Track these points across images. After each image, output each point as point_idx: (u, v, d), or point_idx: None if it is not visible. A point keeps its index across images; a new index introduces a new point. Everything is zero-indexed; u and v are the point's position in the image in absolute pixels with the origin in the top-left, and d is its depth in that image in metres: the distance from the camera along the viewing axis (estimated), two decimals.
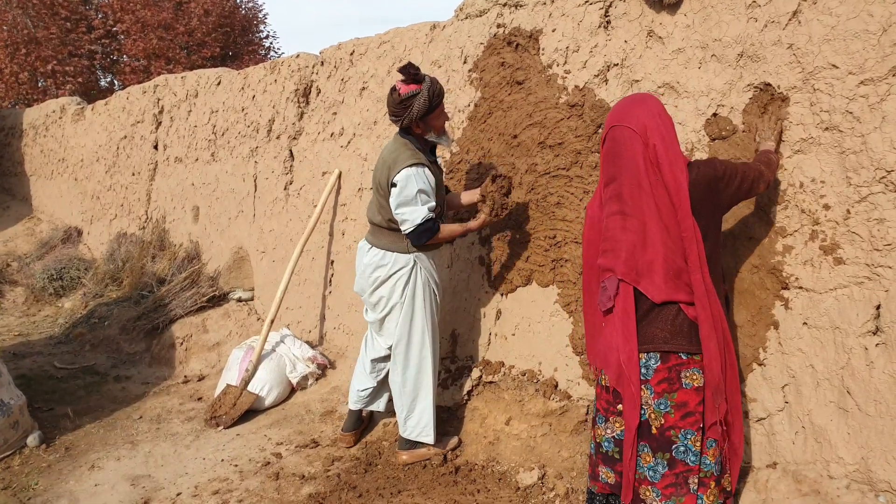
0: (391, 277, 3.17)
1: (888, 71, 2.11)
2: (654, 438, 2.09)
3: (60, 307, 6.98)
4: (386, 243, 3.17)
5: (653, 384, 2.09)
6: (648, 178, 2.06)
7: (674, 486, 2.07)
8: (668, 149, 2.06)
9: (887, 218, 2.12)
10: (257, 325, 5.24)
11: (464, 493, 3.00)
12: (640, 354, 2.09)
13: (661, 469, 2.08)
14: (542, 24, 3.28)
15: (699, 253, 2.03)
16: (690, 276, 2.04)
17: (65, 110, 9.90)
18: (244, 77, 5.69)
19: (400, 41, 4.17)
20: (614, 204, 2.14)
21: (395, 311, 3.22)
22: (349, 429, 3.60)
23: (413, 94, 2.94)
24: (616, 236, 2.13)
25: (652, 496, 2.09)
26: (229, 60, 17.35)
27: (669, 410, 2.07)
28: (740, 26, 2.50)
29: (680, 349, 2.07)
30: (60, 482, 3.42)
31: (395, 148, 3.09)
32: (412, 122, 3.00)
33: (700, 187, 2.07)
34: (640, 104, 2.14)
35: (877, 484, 2.12)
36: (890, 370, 2.11)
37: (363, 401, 3.53)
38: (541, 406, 3.22)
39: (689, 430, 2.06)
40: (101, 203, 8.36)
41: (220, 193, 6.01)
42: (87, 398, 4.61)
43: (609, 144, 2.16)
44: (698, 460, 2.07)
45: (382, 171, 3.10)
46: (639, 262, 2.08)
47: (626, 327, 2.10)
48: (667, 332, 2.07)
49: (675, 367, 2.07)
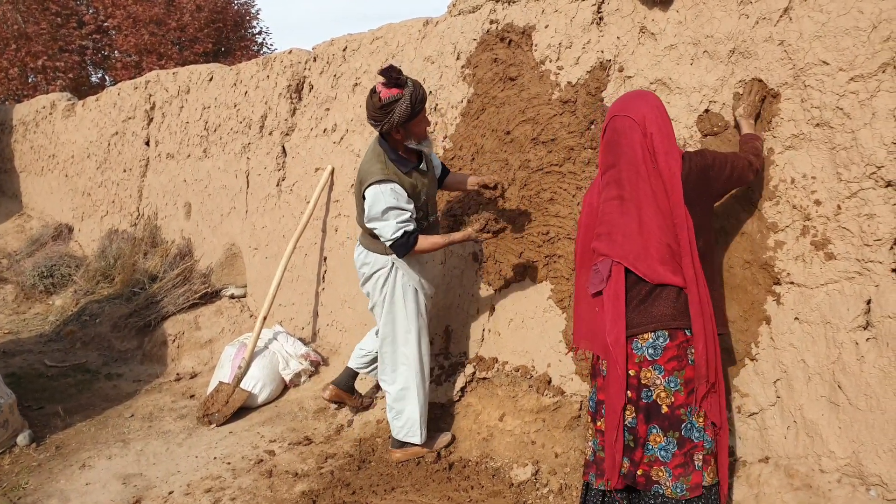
0: (373, 276, 3.21)
1: (878, 67, 2.12)
2: (666, 418, 2.13)
3: (51, 305, 6.94)
4: (367, 243, 3.20)
5: (662, 363, 2.13)
6: (646, 165, 2.15)
7: (682, 465, 2.12)
8: (665, 139, 2.15)
9: (877, 213, 2.13)
10: (250, 322, 5.22)
11: (457, 490, 3.00)
12: (646, 334, 2.14)
13: (671, 448, 2.13)
14: (535, 21, 3.28)
15: (689, 238, 2.11)
16: (682, 259, 2.11)
17: (55, 106, 9.83)
18: (236, 73, 5.66)
19: (393, 37, 4.16)
20: (613, 189, 2.22)
21: (377, 307, 3.26)
22: (337, 383, 3.69)
23: (395, 98, 2.83)
24: (613, 220, 2.20)
25: (665, 476, 2.13)
26: (221, 56, 17.26)
27: (679, 388, 2.13)
28: (732, 23, 2.51)
29: (686, 326, 2.13)
30: (51, 481, 3.40)
31: (369, 159, 3.04)
32: (392, 127, 2.91)
33: (693, 176, 2.17)
34: (640, 97, 2.24)
35: (868, 478, 2.14)
36: (880, 364, 2.12)
37: (359, 361, 3.61)
38: (534, 402, 3.23)
39: (693, 405, 2.13)
40: (92, 200, 8.31)
41: (212, 190, 5.98)
42: (78, 396, 4.59)
43: (609, 133, 2.25)
44: (702, 436, 2.13)
45: (357, 180, 3.10)
46: (635, 244, 2.14)
47: (615, 310, 2.16)
48: (672, 310, 2.13)
49: (683, 343, 2.13)
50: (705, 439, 2.14)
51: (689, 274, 2.11)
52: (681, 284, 2.12)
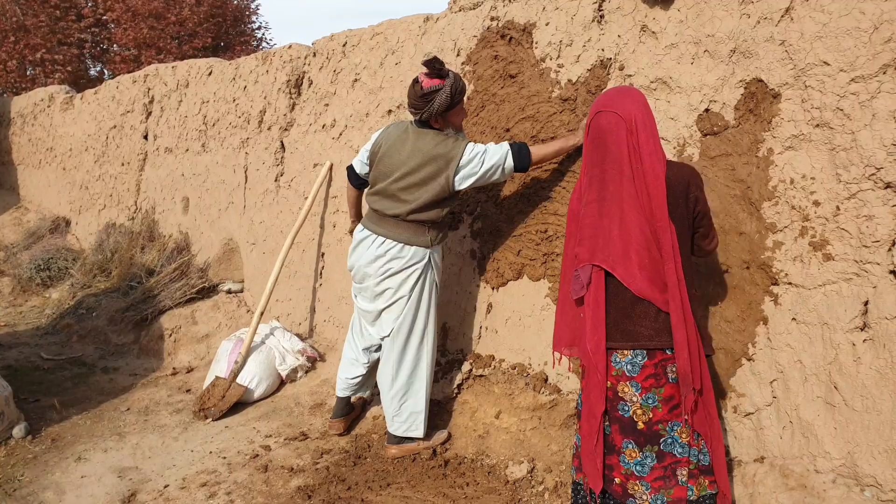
0: (404, 270, 3.13)
1: (879, 68, 2.12)
2: (641, 434, 2.10)
3: (48, 298, 6.93)
4: (407, 236, 3.11)
5: (639, 380, 2.10)
6: (631, 164, 2.09)
7: (662, 478, 2.08)
8: (651, 139, 2.10)
9: (876, 215, 2.14)
10: (247, 318, 5.22)
11: (453, 487, 3.00)
12: (625, 351, 2.11)
13: (649, 462, 2.10)
14: (536, 18, 3.27)
15: (672, 243, 2.06)
16: (664, 265, 2.06)
17: (53, 99, 9.80)
18: (235, 67, 5.65)
19: (393, 33, 4.15)
20: (595, 189, 2.16)
21: (398, 304, 3.18)
22: (339, 415, 3.59)
23: (436, 88, 2.94)
24: (593, 223, 2.15)
25: (641, 490, 2.10)
26: (221, 51, 17.24)
27: (657, 405, 2.09)
28: (733, 22, 2.51)
29: (665, 346, 2.09)
30: (46, 474, 3.40)
31: (433, 137, 3.03)
32: (432, 116, 3.00)
33: (680, 186, 2.12)
34: (626, 94, 2.18)
35: (863, 478, 2.14)
36: (877, 366, 2.12)
37: (352, 388, 3.53)
38: (530, 400, 3.23)
39: (677, 421, 2.09)
40: (90, 193, 8.29)
41: (210, 184, 5.97)
42: (73, 389, 4.58)
43: (594, 130, 2.18)
44: (686, 452, 2.09)
45: (428, 162, 3.01)
46: (615, 247, 2.09)
47: (595, 317, 2.12)
48: (651, 330, 2.09)
49: (661, 362, 2.09)
50: (690, 454, 2.10)
51: (672, 280, 2.05)
52: (659, 302, 2.07)
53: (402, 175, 3.07)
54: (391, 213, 3.12)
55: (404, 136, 3.12)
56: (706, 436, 2.12)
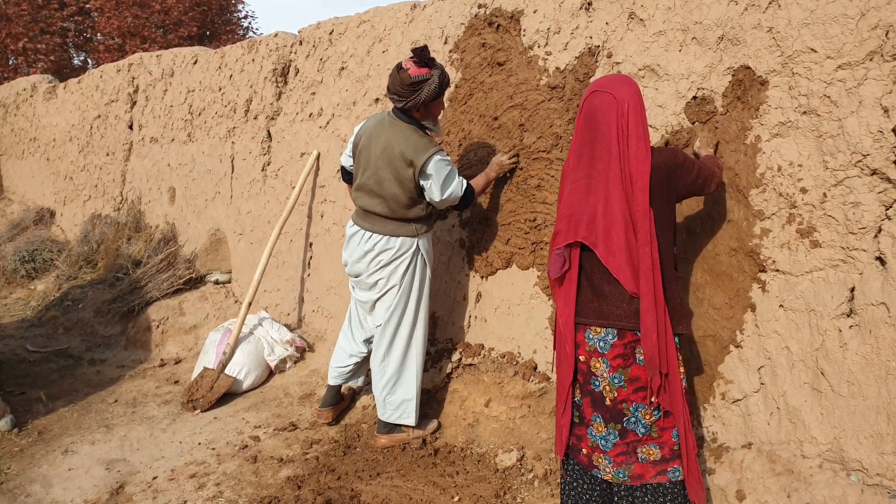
0: (394, 261, 3.14)
1: (866, 55, 2.12)
2: (608, 409, 2.16)
3: (33, 290, 6.86)
4: (392, 228, 3.11)
5: (609, 358, 2.15)
6: (619, 146, 2.11)
7: (624, 454, 2.16)
8: (640, 124, 2.12)
9: (862, 202, 2.14)
10: (235, 308, 5.19)
11: (443, 475, 3.01)
12: (598, 328, 2.17)
13: (612, 438, 2.16)
14: (524, 5, 3.25)
15: (650, 229, 2.08)
16: (639, 249, 2.08)
17: (36, 88, 9.66)
18: (221, 56, 5.59)
19: (380, 20, 4.11)
20: (582, 168, 2.18)
21: (390, 293, 3.19)
22: (328, 404, 3.59)
23: (424, 78, 2.89)
24: (580, 199, 2.17)
25: (605, 463, 2.18)
26: (206, 40, 17.06)
27: (623, 384, 2.14)
28: (721, 9, 2.50)
29: (636, 328, 2.13)
30: (33, 466, 3.37)
31: (406, 134, 3.00)
32: (416, 106, 2.96)
33: (661, 172, 2.14)
34: (621, 79, 2.21)
35: (849, 463, 2.16)
36: (863, 352, 2.14)
37: (344, 376, 3.53)
38: (520, 388, 3.23)
39: (641, 403, 2.13)
40: (75, 184, 8.19)
41: (196, 174, 5.92)
42: (60, 382, 4.54)
43: (587, 109, 2.19)
44: (648, 431, 2.14)
45: (395, 160, 3.00)
46: (598, 226, 2.12)
47: (567, 293, 2.21)
48: (622, 311, 2.14)
49: (631, 343, 2.14)
50: (652, 433, 2.14)
51: (646, 263, 2.06)
52: (631, 285, 2.09)
53: (375, 170, 3.08)
54: (378, 210, 3.13)
55: (379, 128, 3.09)
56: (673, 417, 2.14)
